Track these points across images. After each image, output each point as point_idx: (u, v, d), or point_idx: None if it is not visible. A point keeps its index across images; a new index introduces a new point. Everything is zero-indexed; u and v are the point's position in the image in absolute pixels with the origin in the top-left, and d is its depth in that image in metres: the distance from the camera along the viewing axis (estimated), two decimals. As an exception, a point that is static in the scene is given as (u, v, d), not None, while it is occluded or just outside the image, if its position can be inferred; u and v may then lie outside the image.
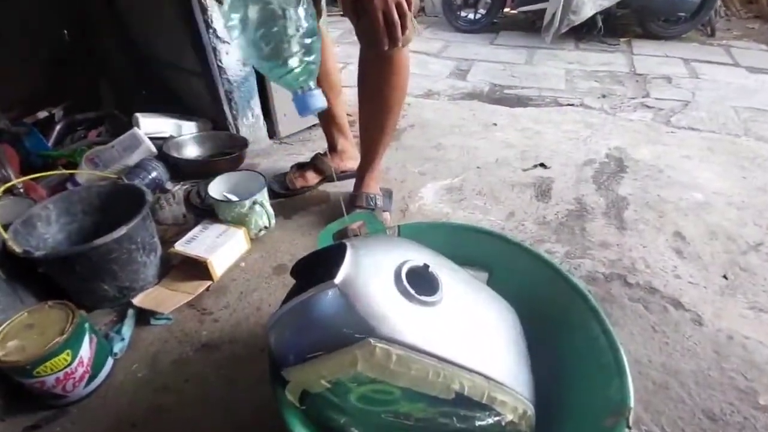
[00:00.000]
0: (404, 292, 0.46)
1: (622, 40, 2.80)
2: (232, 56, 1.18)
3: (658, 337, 0.74)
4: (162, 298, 0.81)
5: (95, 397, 0.67)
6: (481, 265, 0.70)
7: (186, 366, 0.71)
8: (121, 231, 0.73)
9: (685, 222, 1.05)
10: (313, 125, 1.53)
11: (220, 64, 1.16)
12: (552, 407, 0.54)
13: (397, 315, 0.44)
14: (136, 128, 1.15)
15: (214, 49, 1.14)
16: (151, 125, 1.21)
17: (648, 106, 1.84)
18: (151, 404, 0.66)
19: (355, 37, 0.79)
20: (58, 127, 1.26)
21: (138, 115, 1.22)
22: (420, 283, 0.49)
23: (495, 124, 1.63)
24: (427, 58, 2.51)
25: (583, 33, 2.79)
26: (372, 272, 0.47)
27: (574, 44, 2.75)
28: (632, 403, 0.45)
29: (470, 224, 0.70)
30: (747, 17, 3.27)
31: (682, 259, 0.92)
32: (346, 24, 0.85)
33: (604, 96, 1.97)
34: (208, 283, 0.85)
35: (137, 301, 0.80)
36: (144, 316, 0.79)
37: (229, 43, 1.15)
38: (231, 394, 0.67)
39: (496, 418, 0.47)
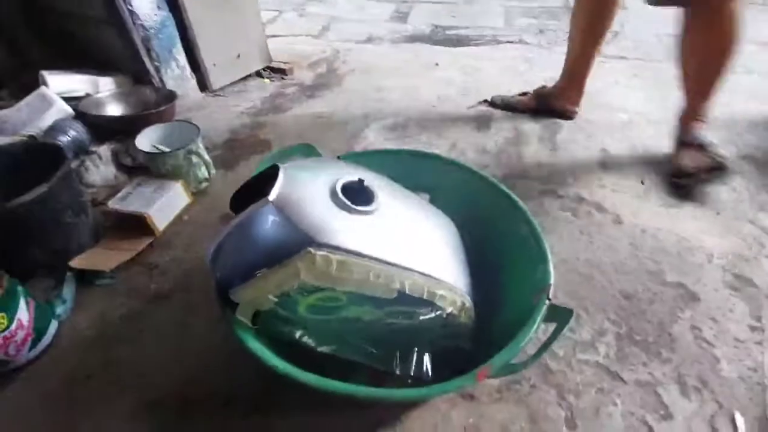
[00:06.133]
0: (340, 204, 0.48)
1: (556, -26, 2.80)
2: (144, -2, 1.07)
3: (584, 238, 0.82)
4: (102, 257, 0.78)
5: (44, 358, 0.65)
6: (421, 187, 0.72)
7: (138, 318, 0.71)
8: (40, 190, 0.68)
9: (611, 140, 1.13)
10: (248, 76, 1.45)
11: (130, 8, 1.05)
12: (494, 298, 0.59)
13: (334, 224, 0.46)
14: (44, 87, 1.04)
15: (121, -9, 1.02)
16: (61, 83, 1.09)
17: (581, 39, 1.89)
18: (105, 357, 0.66)
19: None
20: (-51, 95, 1.10)
21: (44, 72, 1.09)
22: (356, 197, 0.50)
23: (437, 65, 1.62)
24: (366, 2, 2.40)
25: (519, -31, 2.76)
26: (306, 188, 0.48)
27: (511, -19, 2.73)
28: (552, 281, 0.51)
29: (407, 148, 0.72)
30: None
31: (606, 171, 1.01)
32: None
33: (541, 31, 2.00)
34: (151, 239, 0.82)
35: (75, 263, 0.76)
36: (86, 279, 0.76)
37: (136, -17, 1.04)
38: (186, 339, 0.67)
39: (437, 312, 0.52)
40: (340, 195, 0.48)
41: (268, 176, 0.50)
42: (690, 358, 0.64)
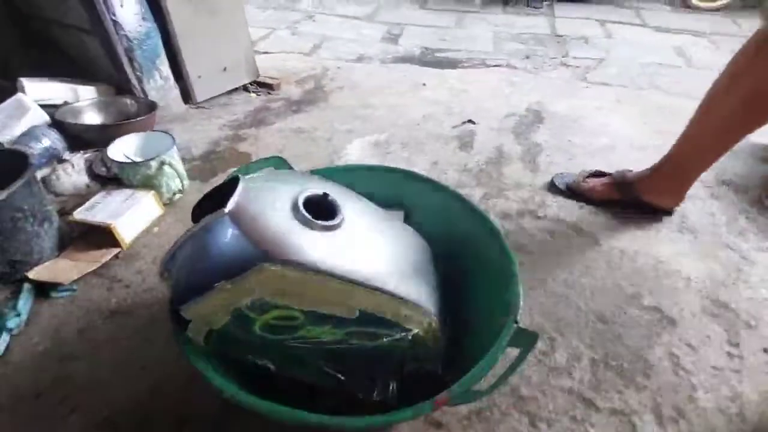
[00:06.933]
0: (301, 218, 0.46)
1: (545, 3, 2.90)
2: (128, 9, 1.06)
3: (562, 259, 0.81)
4: (62, 269, 0.74)
5: (-11, 375, 0.61)
6: (396, 204, 0.71)
7: (95, 333, 0.67)
8: (0, 195, 0.65)
9: (592, 162, 1.14)
10: (234, 89, 1.45)
11: (114, 17, 1.05)
12: (467, 320, 0.58)
13: (293, 238, 0.44)
14: (21, 93, 1.02)
15: (105, 2, 1.02)
16: (39, 91, 1.08)
17: (567, 65, 1.94)
18: (57, 374, 0.62)
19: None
20: (-77, 98, 1.08)
21: (23, 79, 1.08)
22: (319, 211, 0.49)
23: (424, 84, 1.64)
24: (359, 22, 2.45)
25: (510, -3, 2.86)
26: (267, 200, 0.46)
27: (501, 8, 2.81)
28: (521, 303, 0.49)
29: (381, 165, 0.71)
30: (654, -18, 3.50)
31: (586, 192, 1.01)
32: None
33: (527, 57, 2.04)
34: (117, 250, 0.79)
35: (33, 274, 0.73)
36: (44, 290, 0.73)
37: (121, -7, 1.04)
38: (144, 356, 0.64)
39: (403, 334, 0.50)
40: (302, 208, 0.47)
41: (230, 187, 0.48)
42: (666, 385, 0.62)
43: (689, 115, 0.81)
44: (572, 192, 0.97)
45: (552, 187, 1.01)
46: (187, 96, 1.32)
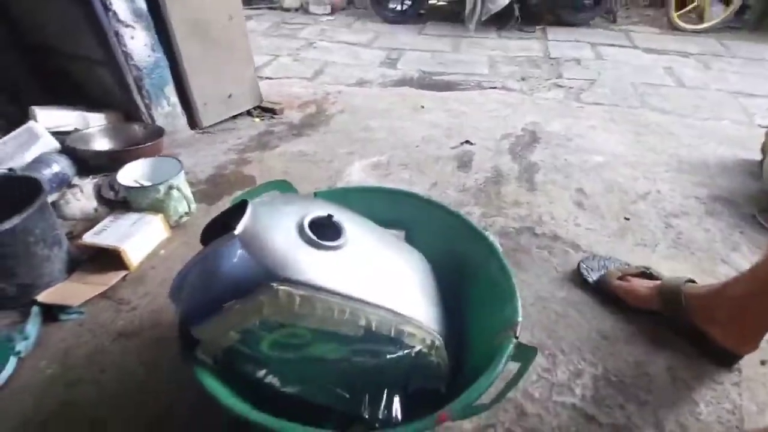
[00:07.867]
0: (307, 239, 0.48)
1: (537, 27, 3.00)
2: (138, 40, 1.12)
3: (560, 276, 0.83)
4: (71, 292, 0.76)
5: (-2, 399, 0.62)
6: (397, 225, 0.73)
7: (102, 357, 0.68)
8: (13, 221, 0.67)
9: (587, 180, 1.17)
10: (238, 114, 1.49)
11: (125, 49, 1.10)
12: (468, 337, 0.59)
13: (300, 259, 0.46)
14: (32, 121, 1.06)
15: (117, 34, 1.07)
16: (51, 118, 1.12)
17: (560, 86, 1.99)
18: (63, 400, 0.62)
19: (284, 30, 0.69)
20: (-62, 127, 1.12)
21: (35, 108, 1.12)
22: (324, 232, 0.51)
23: (423, 107, 1.68)
24: (359, 48, 2.53)
25: (503, 22, 2.96)
26: (273, 223, 0.48)
27: (495, 33, 2.90)
28: (520, 318, 0.50)
29: (384, 186, 0.74)
30: (644, 5, 3.63)
31: (582, 210, 1.03)
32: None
33: (523, 79, 2.10)
34: (124, 273, 0.81)
35: (42, 297, 0.74)
36: (52, 313, 0.74)
37: (133, 27, 1.09)
38: (151, 379, 0.65)
39: (406, 351, 0.51)
40: (307, 230, 0.49)
41: (238, 211, 0.50)
42: (668, 400, 0.62)
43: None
44: (601, 289, 0.77)
45: (580, 272, 0.80)
46: (193, 122, 1.36)
